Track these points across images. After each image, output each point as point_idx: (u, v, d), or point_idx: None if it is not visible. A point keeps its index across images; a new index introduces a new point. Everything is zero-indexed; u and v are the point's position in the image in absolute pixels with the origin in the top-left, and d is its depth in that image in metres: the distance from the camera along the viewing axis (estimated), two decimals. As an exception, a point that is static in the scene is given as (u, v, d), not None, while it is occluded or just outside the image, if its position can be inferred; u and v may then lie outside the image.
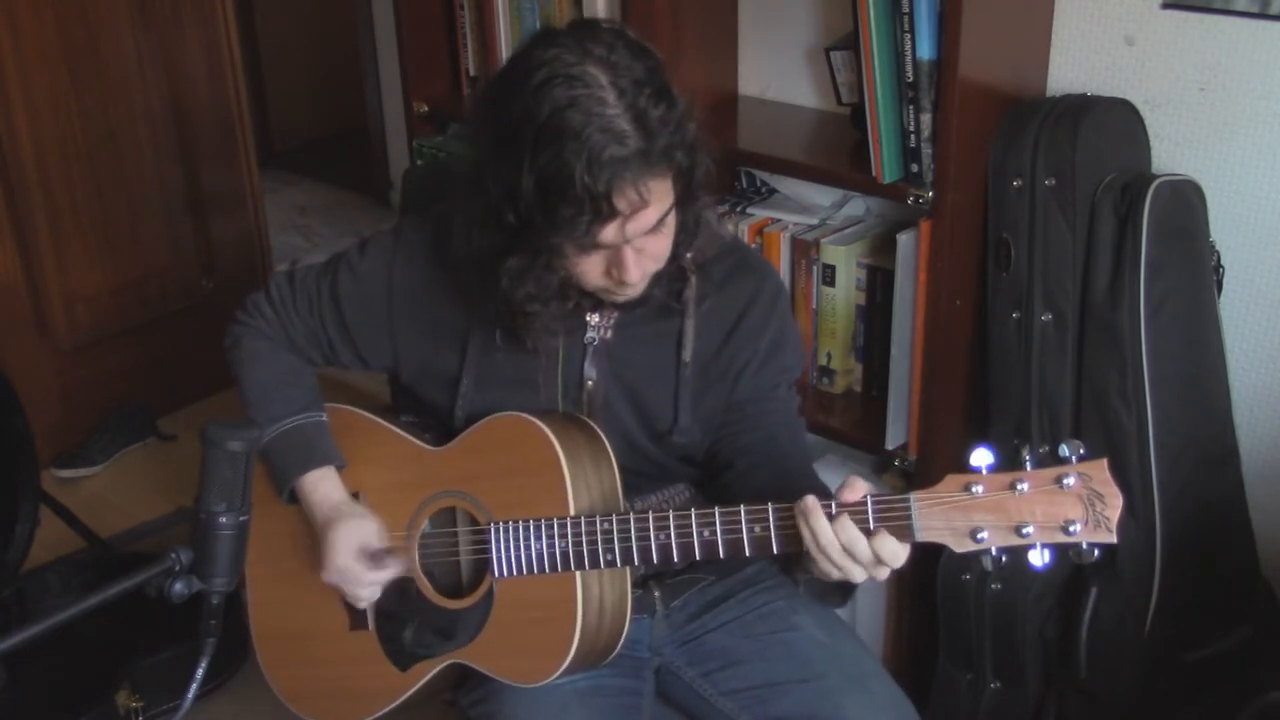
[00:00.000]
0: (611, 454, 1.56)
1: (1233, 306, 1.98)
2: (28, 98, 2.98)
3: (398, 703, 1.65)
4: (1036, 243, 1.91)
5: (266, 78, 5.04)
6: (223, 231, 3.50)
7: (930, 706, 2.14)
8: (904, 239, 1.99)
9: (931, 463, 2.06)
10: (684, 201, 1.45)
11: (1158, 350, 1.87)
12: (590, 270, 1.45)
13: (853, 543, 1.33)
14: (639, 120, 1.35)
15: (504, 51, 2.49)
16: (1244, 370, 2.00)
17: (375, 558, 1.59)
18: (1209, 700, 1.92)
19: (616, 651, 1.57)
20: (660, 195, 1.40)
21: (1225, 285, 1.97)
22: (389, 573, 1.59)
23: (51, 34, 2.99)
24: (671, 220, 1.45)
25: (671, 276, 1.55)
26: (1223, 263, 1.96)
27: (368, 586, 1.60)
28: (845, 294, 2.18)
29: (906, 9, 1.84)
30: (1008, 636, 2.04)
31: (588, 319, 1.60)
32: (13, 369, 2.70)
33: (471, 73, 2.59)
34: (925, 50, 1.86)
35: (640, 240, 1.42)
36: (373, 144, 4.47)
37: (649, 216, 1.40)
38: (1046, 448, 1.96)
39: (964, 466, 1.30)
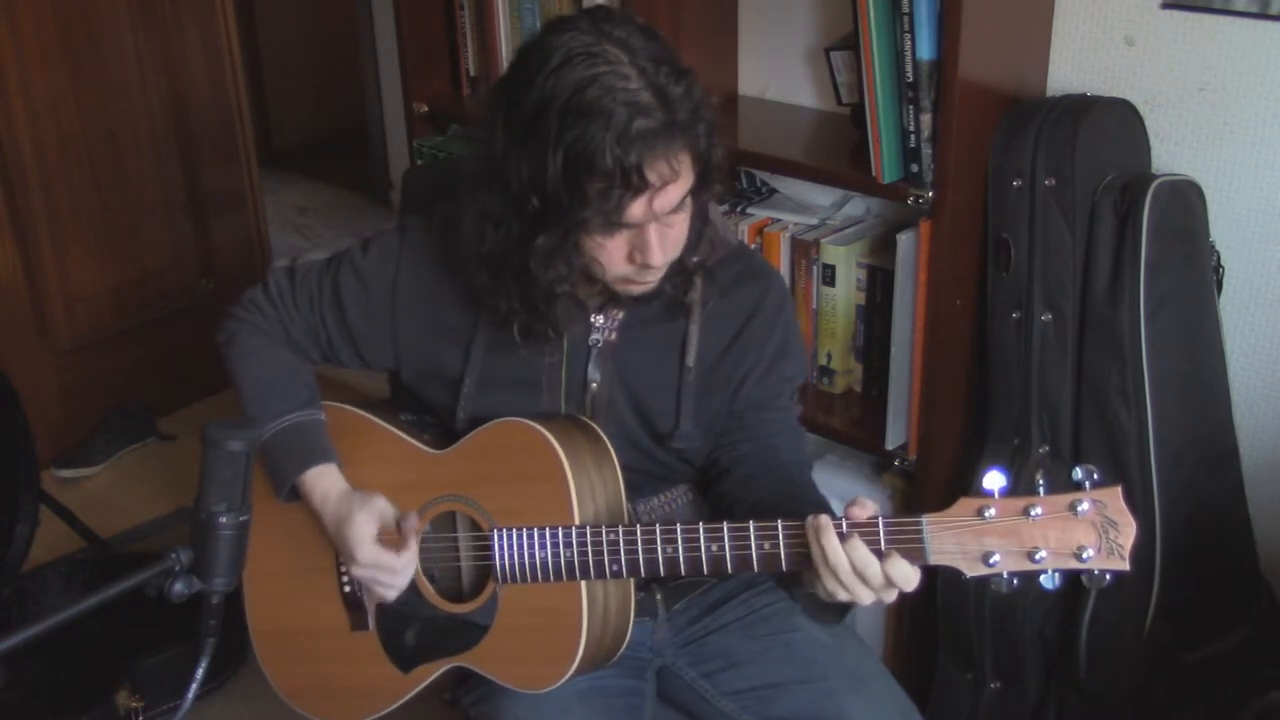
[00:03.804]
0: (615, 458, 1.55)
1: (1233, 306, 1.98)
2: (28, 98, 2.98)
3: (399, 703, 1.65)
4: (1036, 243, 1.91)
5: (266, 78, 5.04)
6: (223, 231, 3.50)
7: (930, 706, 2.14)
8: (904, 239, 1.99)
9: (931, 463, 2.06)
10: (700, 187, 1.45)
11: (1158, 350, 1.87)
12: (614, 254, 1.44)
13: (865, 565, 1.31)
14: (661, 95, 1.36)
15: (504, 51, 2.49)
16: (1244, 370, 2.00)
17: (395, 536, 1.56)
18: (1209, 700, 1.92)
19: (619, 654, 1.57)
20: (684, 171, 1.40)
21: (1225, 285, 1.97)
22: (412, 550, 1.56)
23: (51, 34, 2.99)
24: (689, 204, 1.45)
25: (678, 278, 1.55)
26: (1223, 263, 1.96)
27: (400, 574, 1.55)
28: (845, 294, 2.18)
29: (906, 9, 1.84)
30: (1008, 636, 2.04)
31: (592, 320, 1.60)
32: (13, 369, 2.70)
33: (471, 73, 2.59)
34: (925, 50, 1.86)
35: (663, 220, 1.42)
36: (373, 144, 4.47)
37: (674, 192, 1.40)
38: (1046, 448, 1.96)
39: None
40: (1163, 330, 1.87)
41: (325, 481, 1.60)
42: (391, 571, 1.56)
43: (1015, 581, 1.29)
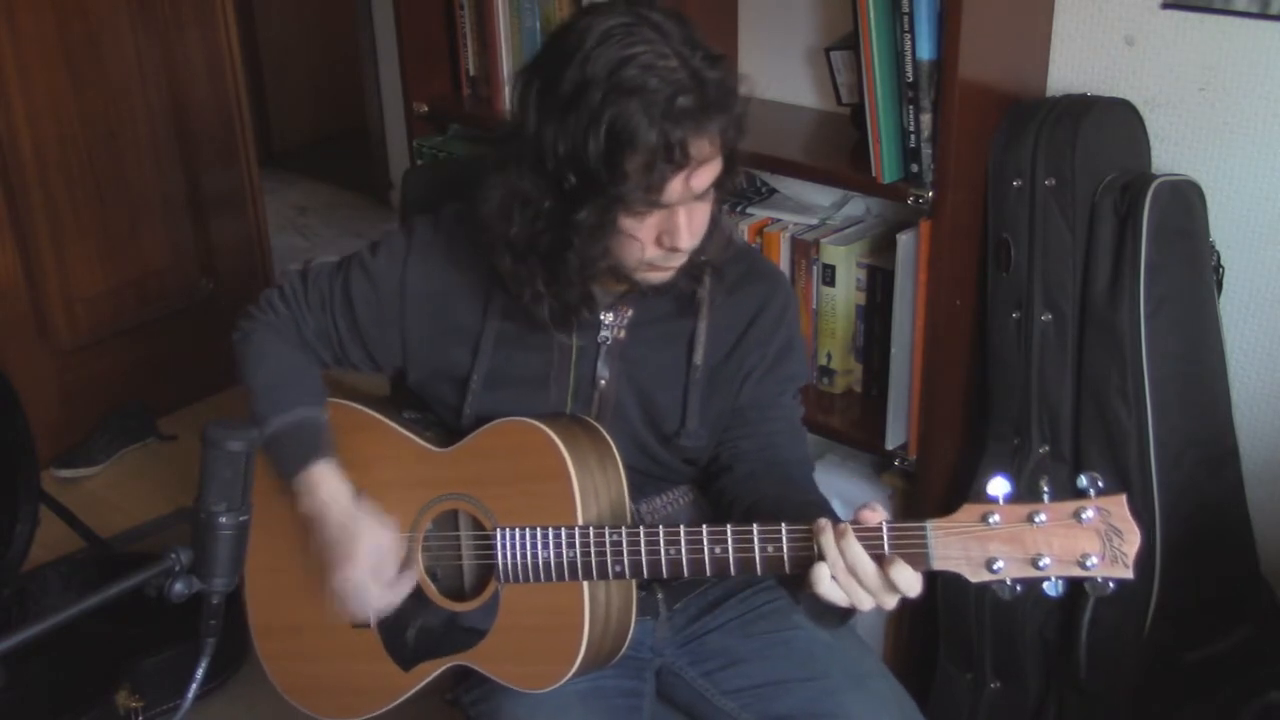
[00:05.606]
0: (619, 458, 1.55)
1: (1233, 306, 1.99)
2: (28, 98, 2.98)
3: (399, 701, 1.65)
4: (1036, 243, 1.91)
5: (266, 78, 5.05)
6: (222, 231, 3.50)
7: (930, 706, 2.14)
8: (904, 239, 1.99)
9: (931, 463, 2.06)
10: (724, 175, 1.46)
11: (1158, 350, 1.87)
12: (643, 237, 1.44)
13: (856, 563, 1.31)
14: (697, 77, 1.37)
15: (504, 51, 2.49)
16: (1244, 370, 2.00)
17: (391, 582, 1.57)
18: (1209, 700, 1.92)
19: (621, 655, 1.57)
20: (718, 153, 1.41)
21: (1225, 285, 1.97)
22: (399, 594, 1.57)
23: (51, 34, 2.99)
24: (713, 192, 1.46)
25: (690, 271, 1.55)
26: (1223, 263, 1.96)
27: (373, 609, 1.57)
28: (845, 294, 2.18)
29: (906, 9, 1.84)
30: (1008, 636, 2.04)
31: (602, 318, 1.60)
32: (13, 369, 2.70)
33: (471, 73, 2.59)
34: (925, 50, 1.86)
35: (693, 203, 1.43)
36: (373, 144, 4.47)
37: (708, 173, 1.41)
38: (1046, 448, 1.96)
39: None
40: (1163, 330, 1.87)
41: (331, 483, 1.59)
42: (364, 603, 1.56)
43: (1018, 588, 1.29)
